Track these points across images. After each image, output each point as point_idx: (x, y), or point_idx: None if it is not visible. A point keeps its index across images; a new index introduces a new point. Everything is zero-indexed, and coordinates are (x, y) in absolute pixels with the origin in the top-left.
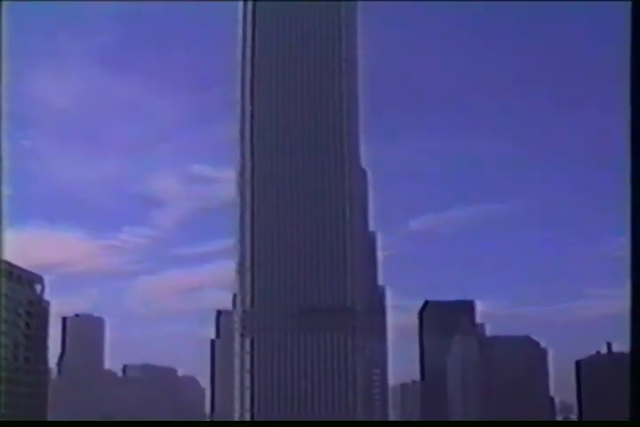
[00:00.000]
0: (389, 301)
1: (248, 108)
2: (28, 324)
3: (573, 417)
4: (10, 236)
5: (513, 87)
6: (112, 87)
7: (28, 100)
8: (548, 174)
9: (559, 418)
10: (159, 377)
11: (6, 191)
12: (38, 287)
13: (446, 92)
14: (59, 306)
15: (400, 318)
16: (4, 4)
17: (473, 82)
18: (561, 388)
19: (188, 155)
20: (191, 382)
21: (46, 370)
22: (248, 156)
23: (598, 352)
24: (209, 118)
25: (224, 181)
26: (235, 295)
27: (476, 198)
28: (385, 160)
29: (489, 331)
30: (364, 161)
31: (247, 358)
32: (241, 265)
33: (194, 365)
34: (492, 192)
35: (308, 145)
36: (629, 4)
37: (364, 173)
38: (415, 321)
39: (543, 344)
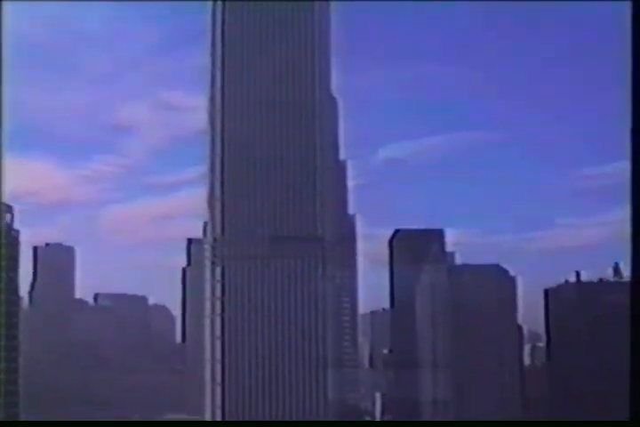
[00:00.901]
0: (359, 229)
1: (219, 35)
2: None
3: (541, 345)
4: None
5: (489, 17)
6: (81, 16)
7: None
8: (521, 105)
9: (526, 346)
10: (130, 306)
11: None
12: (8, 217)
13: (420, 21)
14: (29, 236)
15: (370, 247)
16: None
17: (449, 17)
18: (529, 316)
19: (158, 83)
20: (162, 310)
21: (17, 300)
22: (219, 84)
23: (567, 281)
24: (180, 46)
25: (195, 109)
26: (205, 223)
27: (447, 127)
28: (356, 88)
29: (458, 259)
30: (335, 89)
31: (218, 286)
32: (211, 193)
33: (164, 293)
34: (464, 121)
35: (279, 72)
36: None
37: (334, 101)
38: (385, 249)
39: (512, 273)
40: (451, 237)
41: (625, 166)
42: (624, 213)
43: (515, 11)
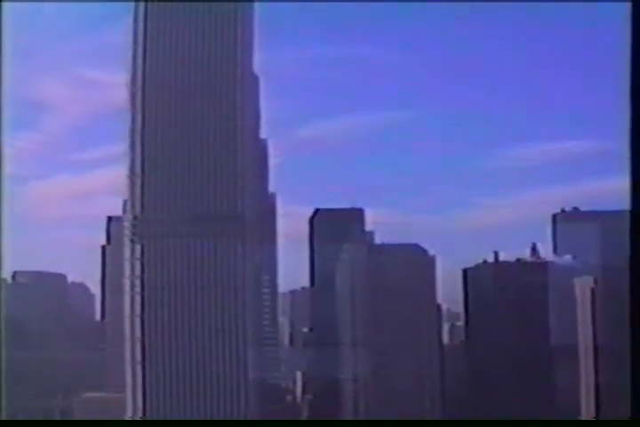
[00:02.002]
0: (280, 208)
1: (141, 12)
2: None
3: (459, 324)
4: None
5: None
6: None
7: None
8: (440, 86)
9: (445, 325)
10: (49, 283)
11: None
12: None
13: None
14: None
15: (290, 226)
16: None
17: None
18: (448, 295)
19: (78, 59)
20: (81, 288)
21: None
22: (139, 61)
23: (485, 261)
24: (100, 23)
25: (115, 86)
26: (125, 201)
27: (367, 107)
28: (278, 66)
29: (378, 238)
30: (257, 67)
31: (137, 264)
32: (131, 171)
33: (84, 271)
34: (384, 101)
35: (201, 50)
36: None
37: (256, 79)
38: (305, 228)
39: (431, 252)
40: (370, 217)
41: (541, 148)
42: (541, 193)
43: None
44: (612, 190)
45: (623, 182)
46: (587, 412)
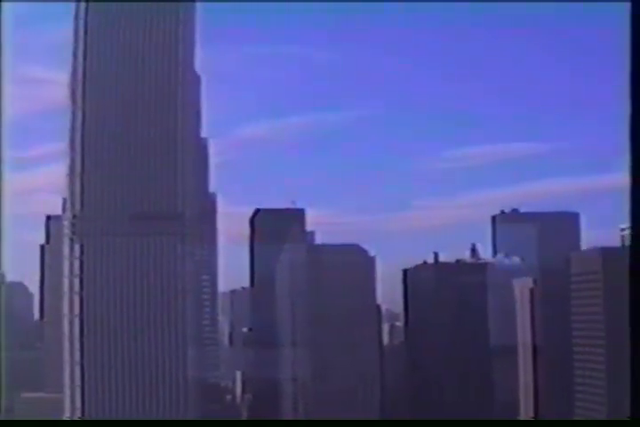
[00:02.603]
0: (220, 207)
1: (82, 10)
2: None
3: (399, 324)
4: None
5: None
6: None
7: None
8: (384, 86)
9: (385, 325)
10: None
11: None
12: None
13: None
14: None
15: (231, 225)
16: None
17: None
18: (388, 296)
19: (18, 56)
20: (19, 287)
21: None
22: (80, 58)
23: (425, 262)
24: (42, 19)
25: (56, 83)
26: (64, 200)
27: (311, 107)
28: (220, 66)
29: (318, 239)
30: (199, 66)
31: (76, 263)
32: (71, 169)
33: (22, 270)
34: (328, 101)
35: (143, 48)
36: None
37: (197, 78)
38: (246, 228)
39: (371, 253)
40: (311, 217)
41: (482, 149)
42: (481, 194)
43: None
44: (551, 192)
45: (561, 184)
46: (525, 411)
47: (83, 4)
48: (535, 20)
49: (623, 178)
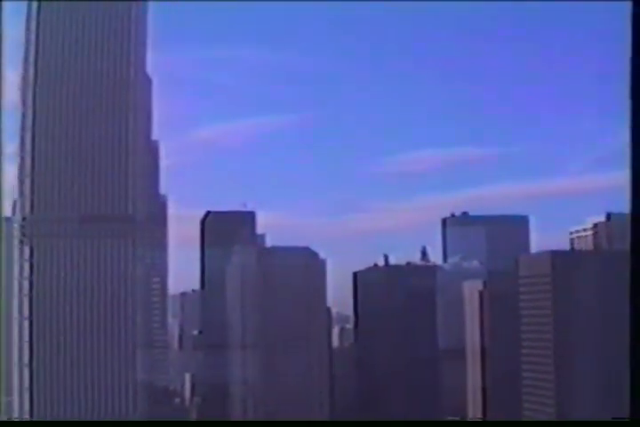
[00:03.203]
0: (171, 210)
1: (34, 11)
2: None
3: (349, 326)
4: None
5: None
6: None
7: None
8: (338, 91)
9: (335, 328)
10: None
11: None
12: None
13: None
14: None
15: (181, 228)
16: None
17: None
18: (338, 299)
19: None
20: None
21: None
22: (31, 59)
23: (375, 264)
24: None
25: (7, 84)
26: (14, 201)
27: (262, 109)
28: (172, 68)
29: (269, 241)
30: (150, 68)
31: (26, 266)
32: (21, 170)
33: None
34: (280, 103)
35: (94, 50)
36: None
37: (149, 80)
38: (196, 231)
39: (322, 256)
40: (262, 220)
41: (433, 153)
42: (432, 198)
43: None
44: (501, 195)
45: (510, 188)
46: (473, 411)
47: (35, 5)
48: (489, 21)
49: (571, 182)
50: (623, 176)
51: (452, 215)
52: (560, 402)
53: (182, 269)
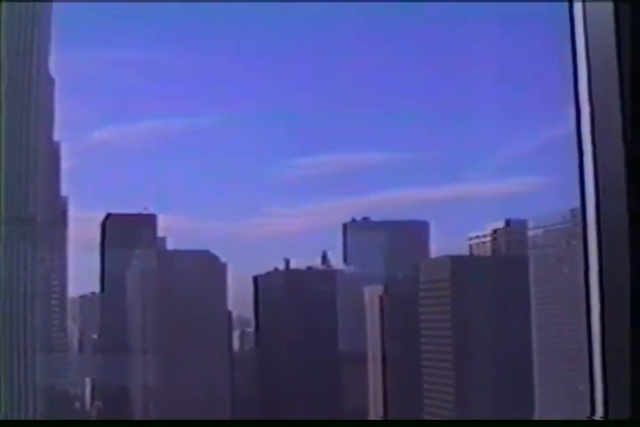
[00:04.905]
0: (72, 212)
1: None
2: None
3: (249, 330)
4: None
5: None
6: None
7: None
8: (238, 92)
9: (236, 332)
10: None
11: None
12: None
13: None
14: None
15: (82, 230)
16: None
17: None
18: (239, 302)
19: None
20: None
21: None
22: None
23: (276, 269)
24: None
25: None
26: None
27: (164, 111)
28: (74, 68)
29: (170, 245)
30: (53, 68)
31: None
32: None
33: None
34: (182, 107)
35: None
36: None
37: (51, 80)
38: (97, 233)
39: (223, 259)
40: (163, 223)
41: (335, 157)
42: (333, 202)
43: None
44: (402, 201)
45: (411, 193)
46: (375, 412)
47: None
48: (397, 24)
49: (471, 188)
50: (522, 183)
51: (354, 220)
52: (459, 401)
53: (82, 271)
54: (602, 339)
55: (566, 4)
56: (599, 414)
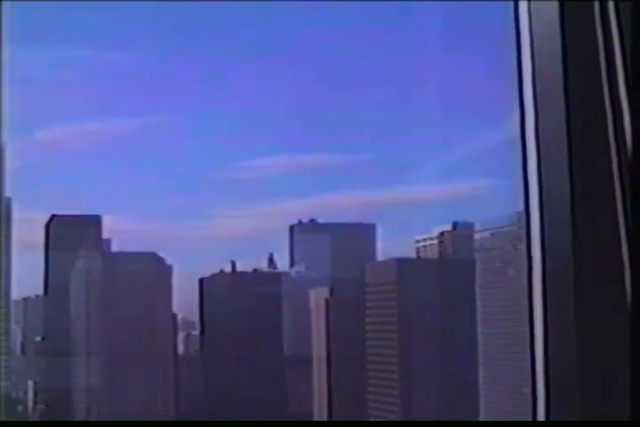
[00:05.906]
0: (15, 213)
1: None
2: None
3: (195, 333)
4: None
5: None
6: None
7: None
8: (190, 92)
9: (181, 334)
10: None
11: None
12: None
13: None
14: None
15: (25, 231)
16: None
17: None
18: (184, 305)
19: None
20: None
21: None
22: None
23: (222, 271)
24: None
25: None
26: None
27: (110, 112)
28: (23, 67)
29: (115, 246)
30: (1, 67)
31: None
32: None
33: None
34: (129, 106)
35: None
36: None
37: None
38: (41, 235)
39: (168, 261)
40: (108, 224)
41: (281, 159)
42: (280, 204)
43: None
44: (349, 203)
45: (358, 195)
46: (319, 413)
47: None
48: (344, 23)
49: (417, 191)
50: (469, 186)
51: (300, 222)
52: (404, 401)
53: (26, 273)
54: (544, 341)
55: (511, 4)
56: (541, 415)
